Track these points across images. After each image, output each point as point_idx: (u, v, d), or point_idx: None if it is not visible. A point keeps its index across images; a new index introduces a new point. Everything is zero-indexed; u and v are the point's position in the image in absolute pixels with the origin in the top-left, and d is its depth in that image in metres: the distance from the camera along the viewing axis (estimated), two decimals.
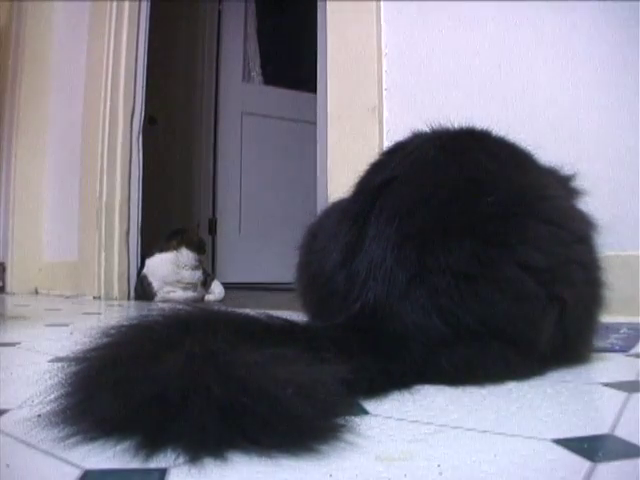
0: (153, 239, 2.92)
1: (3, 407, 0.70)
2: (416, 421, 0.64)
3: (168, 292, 2.73)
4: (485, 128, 1.01)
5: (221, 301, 2.85)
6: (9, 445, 0.57)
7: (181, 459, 0.50)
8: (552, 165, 1.01)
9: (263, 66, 4.47)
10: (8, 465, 0.52)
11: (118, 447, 0.52)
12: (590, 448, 0.54)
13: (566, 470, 0.49)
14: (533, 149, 1.00)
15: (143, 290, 2.80)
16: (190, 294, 2.77)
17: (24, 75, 3.54)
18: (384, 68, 1.94)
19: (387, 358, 0.75)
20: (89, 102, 3.12)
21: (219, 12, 4.28)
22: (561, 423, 0.64)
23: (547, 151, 1.01)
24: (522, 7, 1.74)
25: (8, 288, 3.48)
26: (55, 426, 0.57)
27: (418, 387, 0.78)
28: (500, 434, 0.59)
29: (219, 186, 4.21)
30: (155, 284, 2.75)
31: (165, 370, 0.54)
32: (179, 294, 2.73)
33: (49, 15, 3.53)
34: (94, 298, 2.90)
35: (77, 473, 0.49)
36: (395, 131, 1.85)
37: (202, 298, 2.83)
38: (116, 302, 2.76)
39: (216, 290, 2.89)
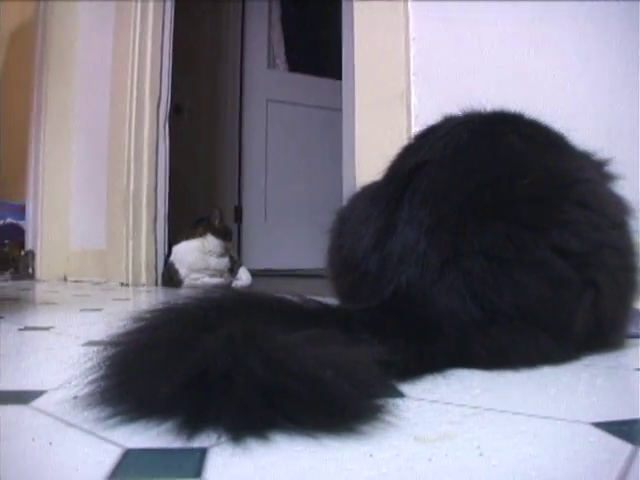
0: (180, 226, 2.94)
1: (40, 388, 0.72)
2: (452, 403, 0.64)
3: (195, 279, 2.75)
4: (517, 111, 1.00)
5: (248, 287, 2.86)
6: (50, 425, 0.58)
7: (223, 439, 0.50)
8: (586, 149, 1.00)
9: (288, 53, 4.45)
10: (51, 443, 0.53)
11: (160, 427, 0.53)
12: (631, 431, 0.54)
13: (609, 452, 0.49)
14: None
15: (170, 277, 2.82)
16: (217, 281, 2.78)
17: (51, 65, 3.57)
18: (412, 54, 1.92)
19: (420, 341, 0.75)
20: (115, 92, 3.14)
21: (243, 0, 4.28)
22: (599, 407, 0.63)
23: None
24: None
25: (38, 275, 3.53)
26: (95, 407, 0.57)
27: (451, 371, 0.77)
28: (538, 417, 0.58)
29: (244, 173, 4.22)
30: (182, 271, 2.77)
31: (205, 352, 0.55)
32: (206, 281, 2.75)
33: (75, 5, 3.55)
34: (122, 285, 2.93)
35: (118, 452, 0.50)
36: (423, 117, 1.84)
37: (229, 285, 2.84)
38: (144, 289, 2.79)
39: (243, 276, 2.90)
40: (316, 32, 4.41)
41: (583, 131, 1.54)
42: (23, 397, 0.68)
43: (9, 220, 3.66)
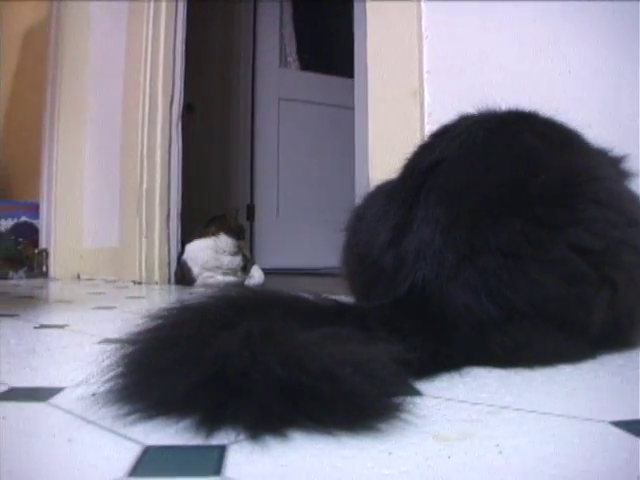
0: (193, 225, 2.94)
1: (58, 386, 0.72)
2: (469, 402, 0.63)
3: (208, 277, 2.75)
4: (532, 109, 1.00)
5: (261, 286, 2.85)
6: (69, 422, 0.59)
7: (242, 437, 0.50)
8: (602, 146, 0.99)
9: (299, 52, 4.45)
10: (70, 440, 0.53)
11: (179, 425, 0.53)
12: None
13: (628, 452, 0.49)
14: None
15: (183, 275, 2.82)
16: (230, 279, 2.78)
17: (64, 65, 3.58)
18: (425, 51, 1.91)
19: (436, 339, 0.75)
20: (128, 91, 3.15)
21: None
22: (617, 406, 0.63)
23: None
24: None
25: (51, 273, 3.54)
26: (113, 404, 0.58)
27: (468, 369, 0.77)
28: (556, 415, 0.58)
29: (257, 172, 4.22)
30: (195, 269, 2.77)
31: (224, 349, 0.55)
32: (219, 279, 2.75)
33: (89, 5, 3.56)
34: (135, 283, 2.94)
35: (138, 449, 0.50)
36: (436, 115, 1.83)
37: (242, 283, 2.84)
38: (157, 287, 2.80)
39: (256, 275, 2.90)
40: (328, 30, 4.41)
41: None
42: (41, 394, 0.68)
43: (23, 219, 3.68)
